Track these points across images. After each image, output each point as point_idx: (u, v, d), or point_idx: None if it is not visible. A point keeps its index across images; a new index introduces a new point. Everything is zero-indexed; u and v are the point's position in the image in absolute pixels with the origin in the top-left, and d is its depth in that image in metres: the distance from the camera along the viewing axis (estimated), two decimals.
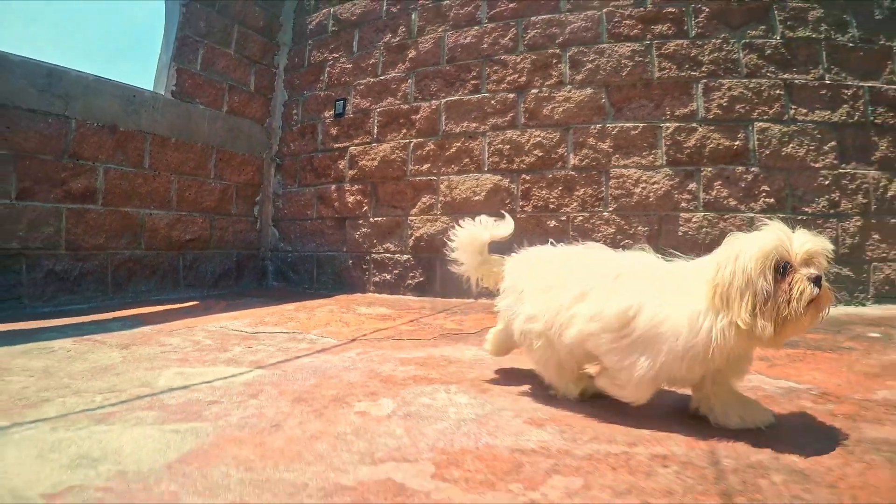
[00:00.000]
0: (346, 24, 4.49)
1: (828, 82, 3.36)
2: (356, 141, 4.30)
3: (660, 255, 1.26)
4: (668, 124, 3.40)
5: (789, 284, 1.01)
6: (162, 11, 3.96)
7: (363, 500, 0.80)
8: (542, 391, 1.39)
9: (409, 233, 3.99)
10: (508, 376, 1.58)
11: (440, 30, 4.01)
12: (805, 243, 1.04)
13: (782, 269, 1.02)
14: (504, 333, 1.50)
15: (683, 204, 3.32)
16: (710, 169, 3.32)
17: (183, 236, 3.85)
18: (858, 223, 3.21)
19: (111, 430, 1.09)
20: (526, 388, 1.44)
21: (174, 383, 1.45)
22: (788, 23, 3.45)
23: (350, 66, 4.40)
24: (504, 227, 1.52)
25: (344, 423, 1.16)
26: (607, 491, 0.85)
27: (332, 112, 4.42)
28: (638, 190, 3.38)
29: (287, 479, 0.88)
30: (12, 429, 1.10)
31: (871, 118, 3.33)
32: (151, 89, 3.77)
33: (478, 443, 1.05)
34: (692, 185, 3.33)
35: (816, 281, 1.00)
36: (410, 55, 4.10)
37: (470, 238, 1.52)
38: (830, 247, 1.06)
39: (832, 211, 3.23)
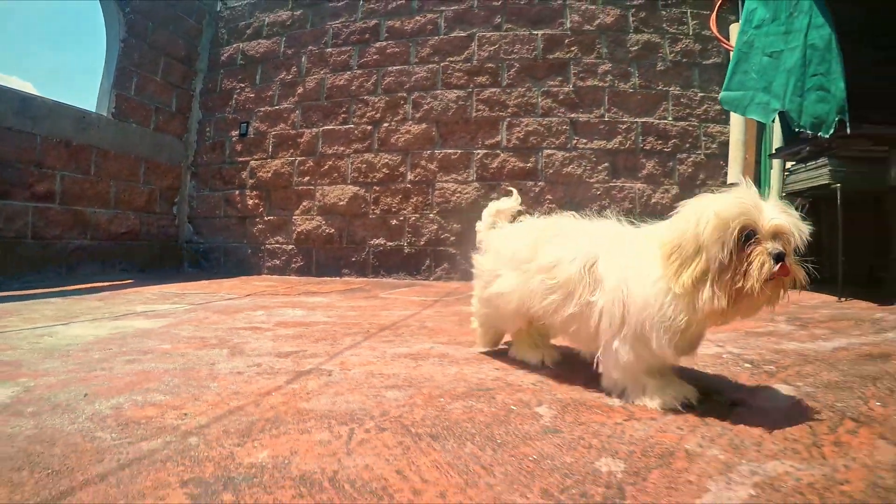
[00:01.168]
0: (252, 59, 5.61)
1: (607, 119, 4.71)
2: (256, 157, 5.44)
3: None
4: (479, 151, 4.79)
5: (748, 256, 0.96)
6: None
7: (241, 329, 2.16)
8: (344, 312, 2.80)
9: (294, 229, 5.21)
10: (331, 307, 2.96)
11: (322, 72, 5.26)
12: (774, 218, 0.98)
13: (745, 237, 0.97)
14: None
15: None
16: (507, 183, 4.66)
17: (119, 230, 4.88)
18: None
19: (124, 322, 2.36)
20: (335, 311, 2.83)
21: (146, 309, 2.72)
22: (581, 75, 4.76)
23: (253, 95, 5.53)
24: (510, 201, 1.75)
25: (238, 317, 2.50)
26: (342, 326, 2.24)
27: (237, 132, 5.53)
28: (454, 198, 4.80)
29: (213, 327, 2.22)
30: (70, 323, 2.33)
31: (642, 145, 4.63)
32: (95, 111, 4.75)
33: (296, 321, 2.44)
34: (494, 195, 4.71)
35: (778, 257, 0.95)
36: (299, 91, 5.32)
37: (488, 207, 1.77)
38: (804, 227, 0.99)
39: (602, 214, 4.69)
